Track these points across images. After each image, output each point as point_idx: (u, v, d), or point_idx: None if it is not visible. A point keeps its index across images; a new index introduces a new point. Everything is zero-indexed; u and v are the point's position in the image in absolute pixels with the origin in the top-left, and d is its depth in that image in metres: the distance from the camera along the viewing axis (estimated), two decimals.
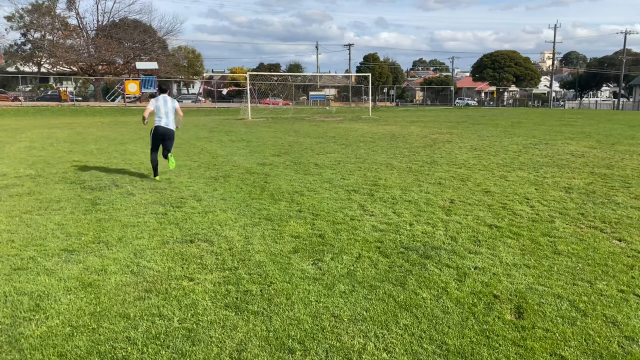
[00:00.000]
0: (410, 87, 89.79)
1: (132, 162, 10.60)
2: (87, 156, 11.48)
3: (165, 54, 53.42)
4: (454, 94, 71.83)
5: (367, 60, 74.95)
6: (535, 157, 11.21)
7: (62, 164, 10.23)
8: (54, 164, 10.14)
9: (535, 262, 4.50)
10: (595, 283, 4.04)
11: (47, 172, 9.15)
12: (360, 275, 4.19)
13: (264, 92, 56.24)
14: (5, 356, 3.02)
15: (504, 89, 74.28)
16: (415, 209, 6.40)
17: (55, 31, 49.37)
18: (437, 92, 77.88)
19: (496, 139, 15.31)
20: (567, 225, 5.67)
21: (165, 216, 6.05)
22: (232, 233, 5.38)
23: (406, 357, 3.01)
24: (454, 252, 4.77)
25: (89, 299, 3.73)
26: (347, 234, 5.30)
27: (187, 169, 9.59)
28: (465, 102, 74.39)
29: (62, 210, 6.32)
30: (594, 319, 3.45)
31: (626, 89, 73.70)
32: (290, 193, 7.37)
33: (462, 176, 8.75)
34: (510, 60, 71.19)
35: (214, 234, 5.33)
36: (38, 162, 10.40)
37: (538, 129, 19.86)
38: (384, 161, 10.66)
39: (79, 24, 51.28)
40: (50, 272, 4.24)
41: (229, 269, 4.34)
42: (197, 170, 9.55)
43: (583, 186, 7.81)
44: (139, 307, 3.60)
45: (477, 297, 3.78)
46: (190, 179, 8.52)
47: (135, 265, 4.42)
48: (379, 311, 3.56)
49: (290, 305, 3.64)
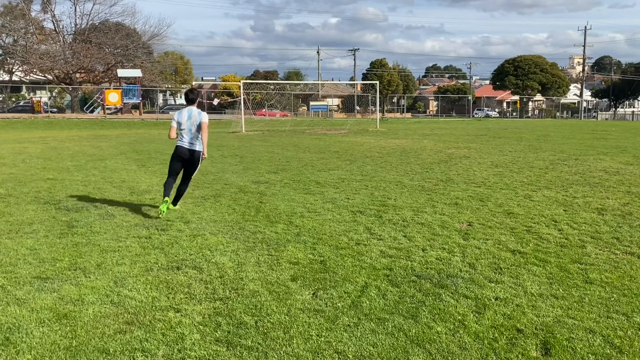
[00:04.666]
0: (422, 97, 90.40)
1: (112, 180, 10.68)
2: (63, 173, 11.56)
3: (150, 60, 53.95)
4: (472, 104, 72.19)
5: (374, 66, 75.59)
6: (564, 174, 11.25)
7: (35, 182, 10.31)
8: (25, 182, 10.22)
9: (564, 292, 4.50)
10: (632, 316, 4.04)
11: (19, 192, 9.22)
12: (366, 307, 4.20)
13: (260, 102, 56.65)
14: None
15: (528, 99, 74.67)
16: (428, 233, 6.42)
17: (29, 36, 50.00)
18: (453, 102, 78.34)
19: (520, 154, 15.37)
20: (600, 250, 5.68)
21: (149, 240, 6.08)
22: (223, 259, 5.40)
23: None
24: (473, 280, 4.79)
25: (64, 332, 3.74)
26: (352, 261, 5.32)
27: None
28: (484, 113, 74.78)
29: (34, 234, 6.36)
30: (631, 356, 3.45)
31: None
32: (289, 214, 7.40)
33: (481, 196, 8.79)
34: (535, 66, 71.70)
35: (203, 260, 5.35)
36: (8, 180, 10.48)
37: (567, 142, 19.93)
38: (393, 179, 10.71)
39: (55, 28, 51.99)
40: (22, 302, 4.26)
41: (219, 299, 4.36)
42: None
43: (618, 207, 7.83)
44: (120, 341, 3.61)
45: (498, 331, 3.79)
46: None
47: (116, 295, 4.44)
48: (388, 347, 3.56)
49: (288, 340, 3.65)
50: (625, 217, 7.18)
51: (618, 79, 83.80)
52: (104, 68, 51.97)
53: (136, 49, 51.78)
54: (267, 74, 77.08)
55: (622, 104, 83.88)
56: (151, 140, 21.89)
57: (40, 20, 51.75)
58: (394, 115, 65.43)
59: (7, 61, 51.71)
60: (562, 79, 74.67)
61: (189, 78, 68.95)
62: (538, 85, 71.60)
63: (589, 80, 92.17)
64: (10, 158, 14.62)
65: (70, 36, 52.42)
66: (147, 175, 11.44)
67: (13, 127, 33.14)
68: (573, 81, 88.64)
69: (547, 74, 71.84)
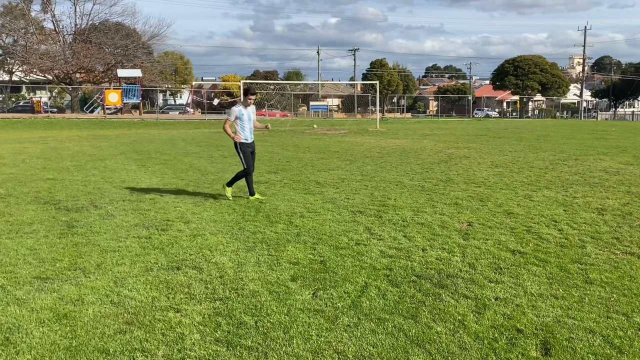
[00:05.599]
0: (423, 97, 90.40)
1: (112, 180, 10.68)
2: (63, 173, 11.57)
3: (150, 60, 53.99)
4: (472, 103, 72.20)
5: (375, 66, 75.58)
6: (563, 174, 11.25)
7: (35, 182, 10.31)
8: (25, 182, 10.22)
9: (564, 293, 4.50)
10: (632, 316, 4.04)
11: (19, 192, 9.22)
12: (366, 307, 4.20)
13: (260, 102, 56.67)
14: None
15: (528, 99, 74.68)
16: (428, 233, 6.42)
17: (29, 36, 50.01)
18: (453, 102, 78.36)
19: (520, 154, 15.38)
20: (600, 251, 5.68)
21: (149, 240, 6.09)
22: (223, 259, 5.40)
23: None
24: (472, 281, 4.79)
25: (64, 332, 3.75)
26: (352, 261, 5.32)
27: (174, 188, 9.66)
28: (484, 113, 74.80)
29: (34, 234, 6.36)
30: (631, 356, 3.45)
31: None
32: (289, 214, 7.41)
33: (481, 196, 8.79)
34: (535, 66, 71.71)
35: (203, 260, 5.35)
36: (8, 180, 10.48)
37: (567, 142, 19.94)
38: (393, 179, 10.71)
39: (55, 28, 52.01)
40: (22, 302, 4.26)
41: (219, 299, 4.36)
42: (185, 188, 9.62)
43: (618, 207, 7.83)
44: (120, 342, 3.61)
45: (498, 331, 3.79)
46: (177, 199, 8.57)
47: (116, 295, 4.44)
48: (388, 347, 3.56)
49: (288, 340, 3.65)
50: (625, 217, 7.18)
51: (618, 79, 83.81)
52: (104, 68, 52.01)
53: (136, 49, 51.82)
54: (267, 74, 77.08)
55: (622, 104, 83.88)
56: (151, 141, 21.90)
57: (40, 20, 51.82)
58: (393, 115, 65.42)
59: (7, 61, 51.75)
60: (562, 79, 74.68)
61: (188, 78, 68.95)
62: (538, 85, 71.62)
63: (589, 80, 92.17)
64: (10, 158, 14.62)
65: (70, 36, 52.46)
66: (147, 175, 11.44)
67: (13, 127, 33.14)
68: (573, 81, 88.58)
69: (547, 74, 71.85)
